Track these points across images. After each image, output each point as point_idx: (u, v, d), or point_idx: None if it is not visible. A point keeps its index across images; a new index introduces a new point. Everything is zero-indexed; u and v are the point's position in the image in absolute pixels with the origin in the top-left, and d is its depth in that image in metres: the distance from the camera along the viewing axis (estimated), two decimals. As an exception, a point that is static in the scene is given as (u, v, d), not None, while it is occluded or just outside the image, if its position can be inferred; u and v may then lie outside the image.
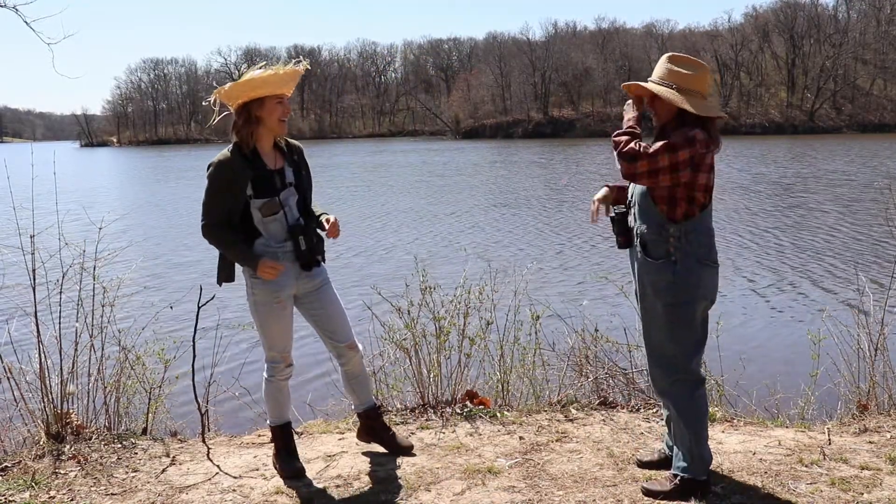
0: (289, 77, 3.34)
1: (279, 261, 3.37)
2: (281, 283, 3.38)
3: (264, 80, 3.27)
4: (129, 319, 4.86)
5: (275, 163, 3.41)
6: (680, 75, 3.06)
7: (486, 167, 38.64)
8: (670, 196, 3.02)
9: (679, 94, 3.03)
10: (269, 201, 3.34)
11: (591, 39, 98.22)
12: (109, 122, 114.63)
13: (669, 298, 3.05)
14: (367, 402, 3.71)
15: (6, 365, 4.03)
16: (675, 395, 3.13)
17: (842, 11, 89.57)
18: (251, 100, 3.29)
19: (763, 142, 57.31)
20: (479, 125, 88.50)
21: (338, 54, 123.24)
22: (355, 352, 3.59)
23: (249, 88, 3.27)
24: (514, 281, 5.14)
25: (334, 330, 3.54)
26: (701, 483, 3.14)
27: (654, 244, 3.05)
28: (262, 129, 3.35)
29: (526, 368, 4.80)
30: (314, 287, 3.49)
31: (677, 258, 3.01)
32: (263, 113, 3.31)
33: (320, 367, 4.92)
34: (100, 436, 3.97)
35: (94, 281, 4.28)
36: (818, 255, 12.91)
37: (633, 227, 3.18)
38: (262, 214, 3.34)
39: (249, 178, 3.32)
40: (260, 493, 3.34)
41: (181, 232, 17.85)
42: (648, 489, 3.19)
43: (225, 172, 3.31)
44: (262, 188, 3.34)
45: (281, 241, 3.39)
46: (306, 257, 3.40)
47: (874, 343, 4.60)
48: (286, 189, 3.40)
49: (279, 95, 3.33)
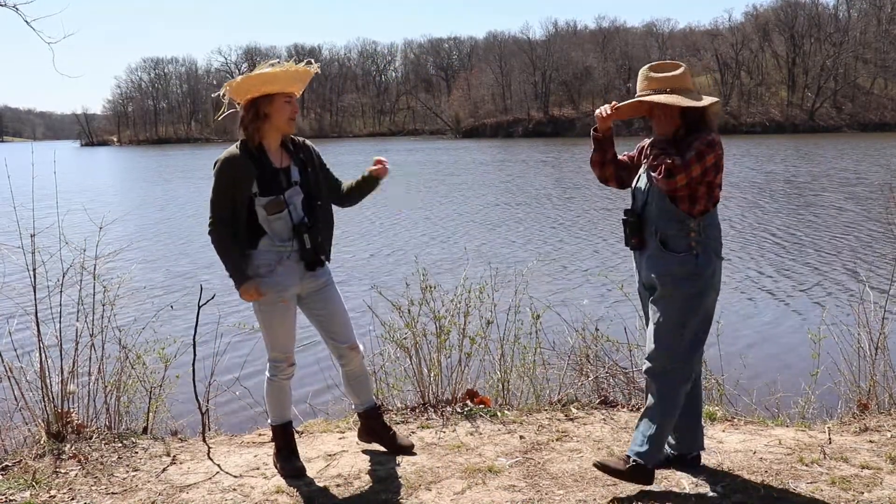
0: (299, 76, 3.34)
1: (284, 260, 3.37)
2: (285, 283, 3.38)
3: (275, 76, 3.27)
4: (130, 319, 4.86)
5: (281, 161, 3.41)
6: (667, 79, 3.18)
7: (496, 165, 38.63)
8: (691, 194, 3.13)
9: (677, 95, 3.13)
10: (273, 199, 3.33)
11: (591, 38, 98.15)
12: (110, 122, 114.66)
13: (690, 289, 3.15)
14: (367, 403, 3.71)
15: (7, 364, 4.03)
16: (666, 382, 3.20)
17: (842, 10, 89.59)
18: (260, 95, 3.28)
19: (763, 141, 57.29)
20: (479, 124, 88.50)
21: (338, 53, 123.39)
22: (356, 353, 3.59)
23: (259, 83, 3.27)
24: (515, 280, 5.14)
25: (336, 331, 3.54)
26: (650, 471, 3.22)
27: (676, 239, 3.15)
28: (270, 127, 3.35)
29: (526, 368, 4.80)
30: (318, 287, 3.48)
31: (698, 251, 3.14)
32: (272, 110, 3.31)
33: (321, 367, 4.92)
34: (100, 435, 3.97)
35: (94, 280, 4.28)
36: (818, 254, 12.91)
37: (647, 226, 3.24)
38: (266, 212, 3.33)
39: (255, 175, 3.31)
40: (260, 492, 3.34)
41: (182, 231, 17.86)
42: (603, 464, 3.26)
43: (231, 169, 3.31)
44: (267, 186, 3.33)
45: (285, 239, 3.38)
46: (311, 256, 3.39)
47: (874, 342, 4.60)
48: (291, 188, 3.39)
49: (288, 94, 3.33)
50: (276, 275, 3.37)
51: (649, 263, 3.25)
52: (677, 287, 3.16)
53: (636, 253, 3.35)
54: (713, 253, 3.18)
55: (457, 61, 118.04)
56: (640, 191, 3.30)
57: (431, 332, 4.60)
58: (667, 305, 3.19)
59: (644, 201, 3.27)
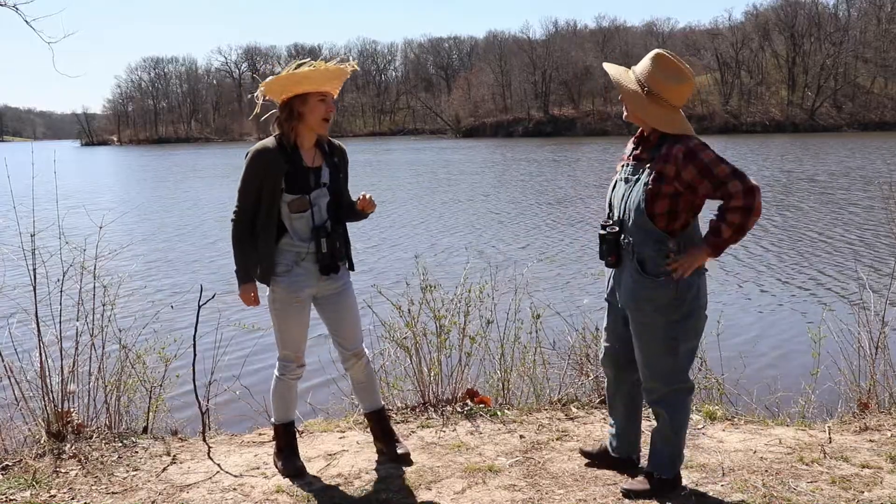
0: (331, 75, 3.31)
1: (302, 260, 3.37)
2: (301, 284, 3.38)
3: (305, 76, 3.26)
4: (130, 318, 4.85)
5: (313, 161, 3.40)
6: (657, 80, 2.95)
7: (507, 164, 38.57)
8: (671, 210, 2.95)
9: (648, 99, 2.95)
10: (298, 198, 3.33)
11: (591, 38, 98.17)
12: (110, 121, 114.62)
13: (673, 315, 2.99)
14: (369, 407, 3.71)
15: (7, 364, 4.03)
16: (672, 403, 3.13)
17: (842, 10, 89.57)
18: (294, 95, 3.29)
19: (763, 140, 57.26)
20: (479, 124, 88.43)
21: (338, 53, 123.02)
22: (359, 359, 3.58)
23: (292, 83, 3.27)
24: (515, 279, 5.14)
25: (345, 336, 3.54)
26: (675, 481, 3.20)
27: (654, 261, 2.96)
28: (304, 126, 3.35)
29: (526, 367, 4.80)
30: (334, 290, 3.48)
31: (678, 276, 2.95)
32: (305, 109, 3.31)
33: (321, 366, 4.91)
34: (100, 434, 3.97)
35: (94, 280, 4.28)
36: (818, 253, 12.91)
37: (623, 244, 3.06)
38: (289, 210, 3.34)
39: (284, 171, 3.31)
40: (260, 491, 3.34)
41: (182, 231, 17.84)
42: (628, 489, 3.20)
43: (261, 161, 3.32)
44: (294, 184, 3.33)
45: (304, 239, 3.37)
46: (326, 261, 3.37)
47: (875, 341, 4.60)
48: (319, 189, 3.39)
49: (322, 93, 3.31)
50: (293, 275, 3.37)
51: (627, 287, 3.06)
52: (659, 313, 2.98)
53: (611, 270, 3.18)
54: (694, 273, 2.96)
55: (457, 61, 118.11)
56: (617, 201, 3.08)
57: (431, 332, 4.60)
58: (652, 334, 3.02)
59: (621, 215, 3.07)
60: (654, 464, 3.22)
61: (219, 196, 26.08)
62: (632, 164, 3.09)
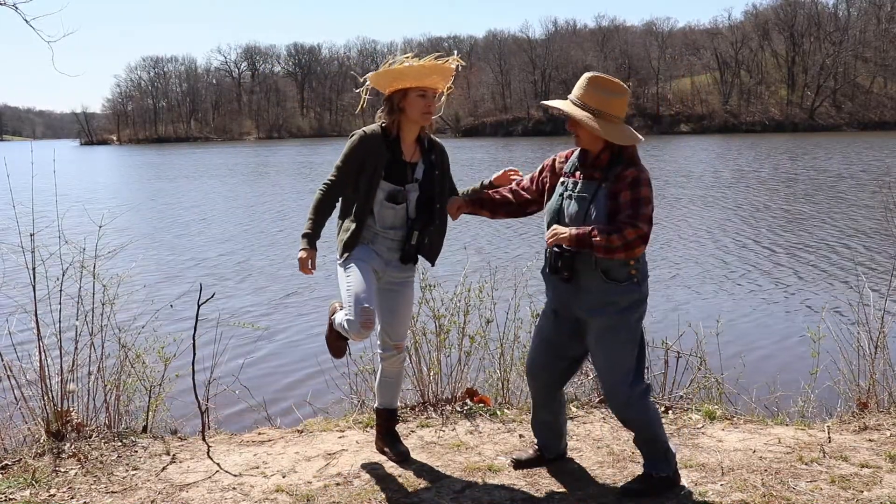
0: (430, 70, 3.34)
1: (380, 244, 3.43)
2: (371, 256, 3.42)
3: (401, 72, 3.31)
4: (130, 317, 4.85)
5: (412, 155, 3.47)
6: (603, 101, 3.06)
7: (507, 164, 38.59)
8: None
9: (600, 120, 3.04)
10: (398, 190, 3.40)
11: (591, 37, 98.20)
12: (109, 121, 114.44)
13: (633, 314, 3.15)
14: (386, 404, 3.71)
15: (6, 363, 4.03)
16: (639, 406, 3.17)
17: (842, 9, 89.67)
18: (394, 91, 3.34)
19: (763, 140, 57.30)
20: (479, 123, 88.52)
21: (338, 52, 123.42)
22: (399, 352, 3.60)
23: (391, 78, 3.33)
24: (515, 279, 5.14)
25: (394, 326, 3.56)
26: (674, 478, 3.26)
27: (618, 268, 3.09)
28: (405, 120, 3.41)
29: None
30: (398, 280, 3.52)
31: (639, 278, 3.13)
32: (405, 104, 3.37)
33: (321, 366, 4.92)
34: (100, 434, 3.97)
35: (93, 279, 4.28)
36: (818, 253, 12.91)
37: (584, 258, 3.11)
38: (385, 197, 3.39)
39: (385, 160, 3.38)
40: (260, 490, 3.34)
41: (182, 230, 17.84)
42: (627, 488, 3.25)
43: (363, 145, 3.39)
44: (391, 174, 3.40)
45: (387, 227, 3.43)
46: (410, 253, 3.46)
47: (874, 341, 4.60)
48: (411, 183, 3.45)
49: (422, 88, 3.35)
50: (366, 247, 3.43)
51: (589, 294, 3.14)
52: (623, 315, 3.12)
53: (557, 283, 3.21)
54: (645, 276, 3.18)
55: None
56: (572, 218, 3.12)
57: (431, 331, 4.61)
58: (614, 336, 3.13)
59: None
60: (649, 464, 3.27)
61: (219, 196, 26.09)
62: (581, 181, 3.16)
